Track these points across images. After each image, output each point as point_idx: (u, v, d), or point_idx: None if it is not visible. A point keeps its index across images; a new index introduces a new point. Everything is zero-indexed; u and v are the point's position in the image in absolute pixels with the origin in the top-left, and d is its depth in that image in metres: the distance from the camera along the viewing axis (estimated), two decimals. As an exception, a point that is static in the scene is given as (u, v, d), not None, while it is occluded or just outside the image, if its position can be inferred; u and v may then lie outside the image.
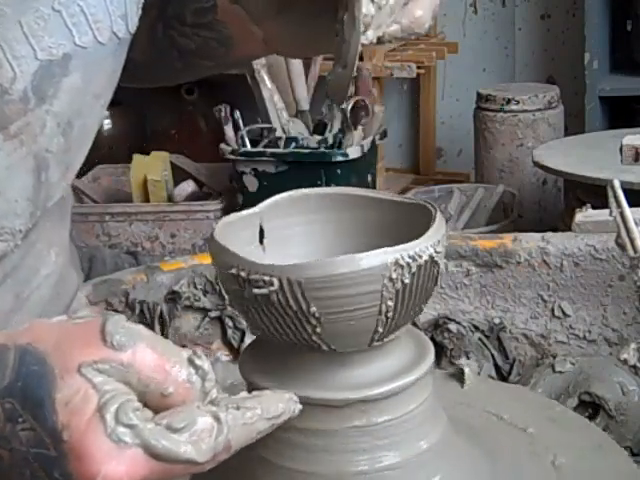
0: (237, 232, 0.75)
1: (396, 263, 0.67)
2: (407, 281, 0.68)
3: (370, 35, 0.76)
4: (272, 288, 0.67)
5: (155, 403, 0.58)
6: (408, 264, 0.68)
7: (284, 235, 0.79)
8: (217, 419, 0.58)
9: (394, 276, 0.67)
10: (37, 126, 0.81)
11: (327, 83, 0.80)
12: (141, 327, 0.59)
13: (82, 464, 0.56)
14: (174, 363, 0.59)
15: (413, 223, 0.73)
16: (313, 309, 0.67)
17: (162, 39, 0.98)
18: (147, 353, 0.58)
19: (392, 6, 0.77)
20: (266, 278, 0.67)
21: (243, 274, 0.68)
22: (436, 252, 0.69)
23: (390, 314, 0.69)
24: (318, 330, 0.69)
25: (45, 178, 0.84)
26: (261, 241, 0.77)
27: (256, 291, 0.67)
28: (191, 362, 0.59)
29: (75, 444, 0.56)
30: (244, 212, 0.77)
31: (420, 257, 0.68)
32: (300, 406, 0.64)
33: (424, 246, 0.69)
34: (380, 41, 0.80)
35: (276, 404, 0.62)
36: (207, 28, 0.95)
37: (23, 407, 0.57)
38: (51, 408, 0.56)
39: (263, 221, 0.78)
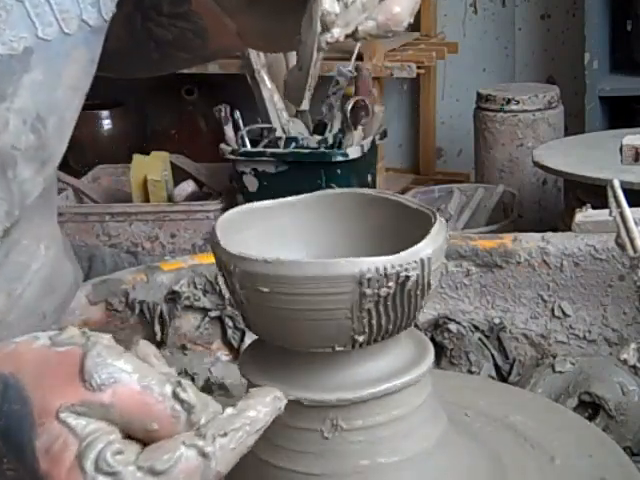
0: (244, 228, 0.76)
1: (363, 276, 0.67)
2: (382, 293, 0.67)
3: (336, 33, 0.73)
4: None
5: (140, 436, 0.57)
6: (379, 279, 0.67)
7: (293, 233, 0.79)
8: (204, 455, 0.56)
9: (364, 289, 0.67)
10: None
11: (284, 84, 0.79)
12: (124, 356, 0.57)
13: None
14: (157, 398, 0.57)
15: (420, 227, 0.73)
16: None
17: (140, 30, 0.96)
18: (128, 391, 0.56)
19: (365, 3, 0.75)
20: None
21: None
22: (414, 270, 0.68)
23: (364, 321, 0.69)
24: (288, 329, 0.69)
25: (13, 175, 0.81)
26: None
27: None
28: (176, 396, 0.57)
29: None
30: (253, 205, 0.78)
31: (391, 274, 0.67)
32: (285, 401, 0.63)
33: (397, 264, 0.67)
34: (354, 38, 0.78)
35: (263, 410, 0.61)
36: (183, 19, 0.94)
37: (7, 448, 0.56)
38: (32, 455, 0.55)
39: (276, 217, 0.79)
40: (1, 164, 0.81)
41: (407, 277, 0.67)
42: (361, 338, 0.69)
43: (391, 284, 0.67)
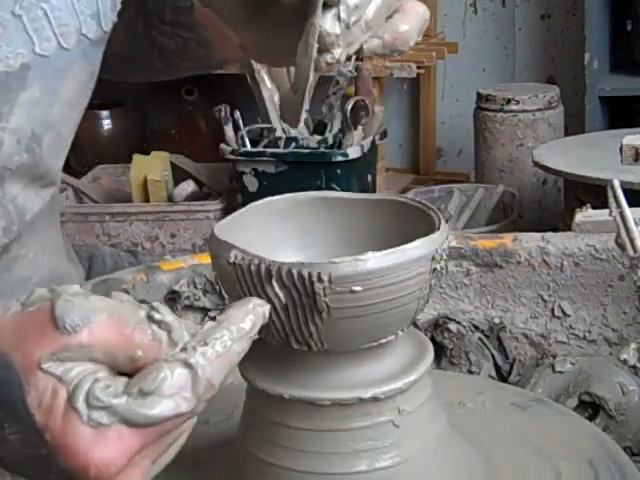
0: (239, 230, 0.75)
1: (435, 253, 0.69)
2: (441, 267, 0.71)
3: (337, 54, 0.71)
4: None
5: (128, 368, 0.58)
6: (441, 254, 0.70)
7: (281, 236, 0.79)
8: (188, 365, 0.57)
9: (434, 264, 0.70)
10: None
11: (279, 105, 0.78)
12: (92, 297, 0.58)
13: (71, 460, 0.55)
14: (134, 327, 0.57)
15: (407, 226, 0.73)
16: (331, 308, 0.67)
17: (143, 38, 0.95)
18: (104, 327, 0.57)
19: (369, 21, 0.72)
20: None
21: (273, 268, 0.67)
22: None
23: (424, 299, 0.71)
24: (322, 329, 0.69)
25: (2, 193, 0.80)
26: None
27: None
28: (151, 319, 0.58)
29: (58, 442, 0.55)
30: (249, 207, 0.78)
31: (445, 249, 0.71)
32: (268, 306, 0.63)
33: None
34: (359, 57, 0.77)
35: (244, 318, 0.60)
36: (186, 29, 0.92)
37: (4, 414, 0.57)
38: (27, 412, 0.56)
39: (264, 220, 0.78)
40: None
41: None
42: (420, 316, 0.71)
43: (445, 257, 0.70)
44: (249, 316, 0.61)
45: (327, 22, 0.70)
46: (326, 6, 0.71)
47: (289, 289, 0.67)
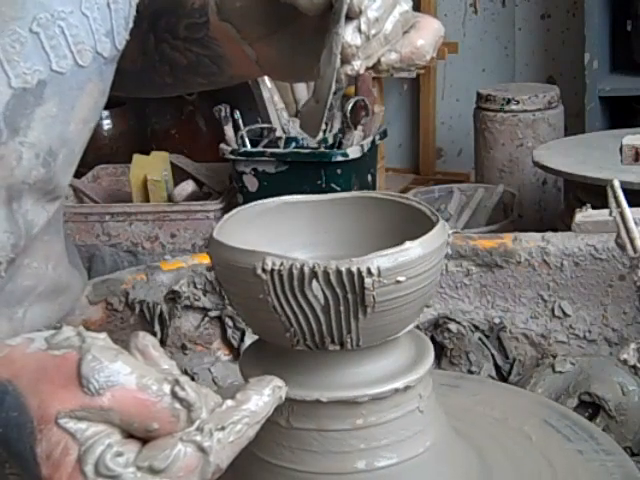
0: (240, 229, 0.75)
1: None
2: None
3: (356, 66, 0.73)
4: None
5: (141, 435, 0.57)
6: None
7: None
8: (202, 449, 0.57)
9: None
10: (12, 159, 0.78)
11: (300, 115, 0.78)
12: (119, 362, 0.57)
13: None
14: (156, 399, 0.57)
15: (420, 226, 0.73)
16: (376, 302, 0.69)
17: (154, 52, 0.94)
18: (126, 393, 0.56)
19: (388, 34, 0.74)
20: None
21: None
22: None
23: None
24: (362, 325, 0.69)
25: (17, 206, 0.81)
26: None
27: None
28: (174, 395, 0.57)
29: None
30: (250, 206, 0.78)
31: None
32: (285, 389, 0.63)
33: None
34: (376, 70, 0.76)
35: (262, 401, 0.60)
36: (200, 44, 0.91)
37: (8, 454, 0.56)
38: (33, 461, 0.55)
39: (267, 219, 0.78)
40: (8, 197, 0.80)
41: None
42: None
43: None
44: (267, 399, 0.61)
45: (348, 34, 0.71)
46: (348, 18, 0.72)
47: (334, 288, 0.67)
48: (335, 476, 0.72)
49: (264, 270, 0.67)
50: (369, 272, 0.67)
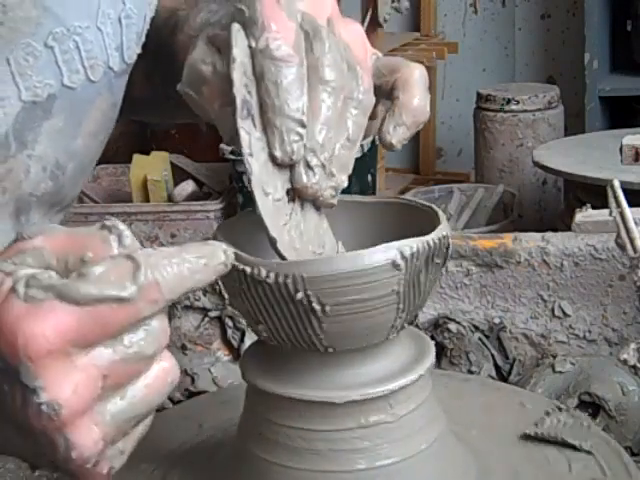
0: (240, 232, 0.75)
1: (402, 256, 0.68)
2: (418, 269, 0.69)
3: (328, 186, 0.69)
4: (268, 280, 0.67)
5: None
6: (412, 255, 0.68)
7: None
8: (132, 258, 0.55)
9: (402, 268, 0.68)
10: (21, 172, 0.78)
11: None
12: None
13: (2, 335, 0.53)
14: (86, 232, 0.57)
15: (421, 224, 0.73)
16: (326, 308, 0.67)
17: (159, 90, 0.92)
18: (58, 232, 0.57)
19: (349, 138, 0.70)
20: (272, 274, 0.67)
21: (261, 272, 0.67)
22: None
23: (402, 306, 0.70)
24: (324, 328, 0.69)
25: (26, 220, 0.81)
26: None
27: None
28: (103, 226, 0.57)
29: None
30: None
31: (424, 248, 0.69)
32: (233, 249, 0.61)
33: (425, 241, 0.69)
34: (391, 148, 0.74)
35: (200, 247, 0.59)
36: None
37: None
38: None
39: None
40: (16, 210, 0.80)
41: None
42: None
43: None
44: (208, 247, 0.59)
45: (299, 176, 0.68)
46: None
47: (286, 292, 0.67)
48: (335, 475, 0.72)
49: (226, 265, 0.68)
50: (302, 279, 0.65)
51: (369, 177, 2.37)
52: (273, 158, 0.68)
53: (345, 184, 0.71)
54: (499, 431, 0.84)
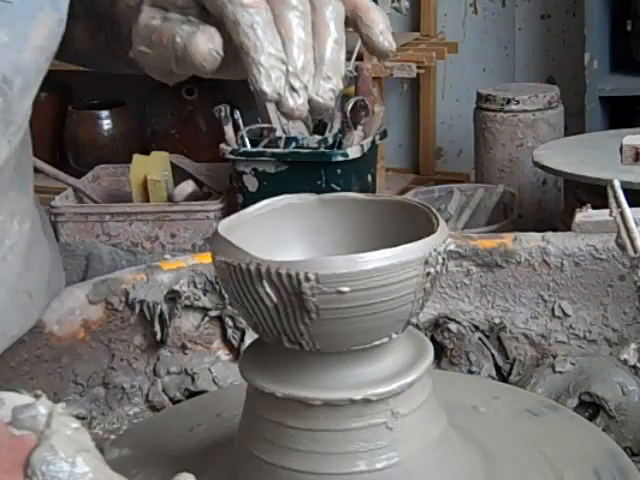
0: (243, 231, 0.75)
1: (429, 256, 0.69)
2: (437, 270, 0.70)
3: (336, 82, 0.72)
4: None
5: None
6: (437, 257, 0.69)
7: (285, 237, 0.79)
8: None
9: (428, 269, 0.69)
10: None
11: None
12: (79, 458, 0.50)
13: None
14: None
15: (420, 226, 0.73)
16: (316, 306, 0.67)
17: (106, 51, 0.95)
18: None
19: (336, 41, 0.72)
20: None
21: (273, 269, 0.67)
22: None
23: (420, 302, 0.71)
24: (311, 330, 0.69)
25: None
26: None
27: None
28: None
29: None
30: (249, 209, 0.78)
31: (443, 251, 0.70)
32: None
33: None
34: (389, 52, 0.75)
35: None
36: None
37: None
38: None
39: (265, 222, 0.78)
40: None
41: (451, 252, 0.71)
42: (414, 320, 0.71)
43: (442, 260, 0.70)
44: None
45: (285, 102, 0.70)
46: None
47: (278, 289, 0.67)
48: (334, 476, 0.72)
49: (225, 263, 0.68)
50: (306, 277, 0.66)
51: (369, 177, 2.37)
52: (262, 95, 0.71)
53: (341, 86, 0.73)
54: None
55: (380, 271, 0.67)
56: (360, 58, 2.43)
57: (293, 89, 0.71)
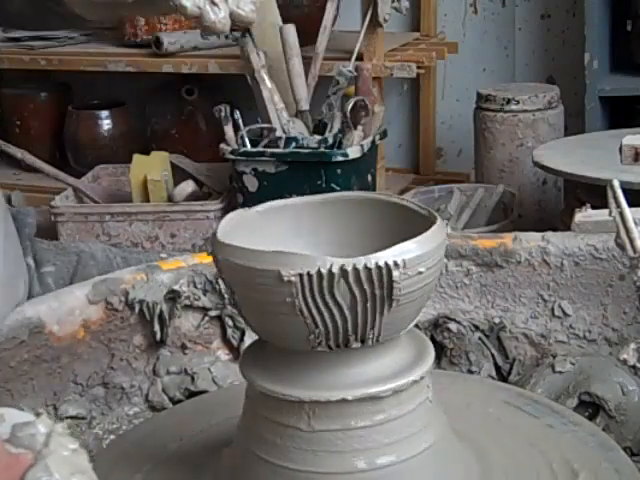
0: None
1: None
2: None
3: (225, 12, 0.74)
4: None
5: None
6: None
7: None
8: None
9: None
10: None
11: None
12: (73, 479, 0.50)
13: None
14: None
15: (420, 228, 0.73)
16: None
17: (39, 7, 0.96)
18: None
19: None
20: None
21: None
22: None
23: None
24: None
25: None
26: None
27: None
28: None
29: None
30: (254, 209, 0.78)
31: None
32: None
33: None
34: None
35: None
36: None
37: None
38: None
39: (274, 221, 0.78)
40: None
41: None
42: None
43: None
44: None
45: (207, 16, 0.72)
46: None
47: (362, 285, 0.67)
48: (334, 475, 0.72)
49: (286, 276, 0.67)
50: (396, 265, 0.67)
51: (369, 177, 2.37)
52: (182, 10, 0.72)
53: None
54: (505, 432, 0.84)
55: (435, 251, 0.70)
56: (360, 58, 2.43)
57: (213, 3, 0.71)
